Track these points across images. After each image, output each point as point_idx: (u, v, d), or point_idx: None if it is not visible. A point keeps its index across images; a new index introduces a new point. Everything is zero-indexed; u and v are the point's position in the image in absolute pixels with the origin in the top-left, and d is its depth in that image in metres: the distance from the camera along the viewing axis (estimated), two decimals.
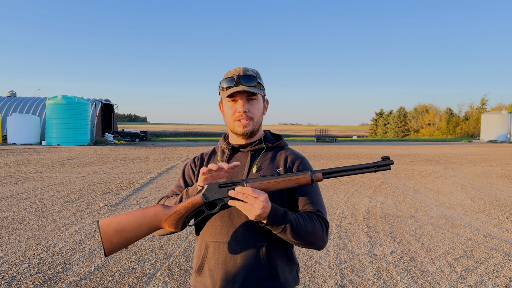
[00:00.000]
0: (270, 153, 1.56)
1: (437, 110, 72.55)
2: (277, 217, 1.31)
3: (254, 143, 1.56)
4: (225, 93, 1.48)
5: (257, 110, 1.51)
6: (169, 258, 4.32)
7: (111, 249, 1.32)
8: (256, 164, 1.51)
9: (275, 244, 1.44)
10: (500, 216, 6.54)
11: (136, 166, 14.03)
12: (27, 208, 6.83)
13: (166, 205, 1.37)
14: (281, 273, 1.45)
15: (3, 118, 32.68)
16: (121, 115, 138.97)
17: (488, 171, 13.04)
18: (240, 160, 1.54)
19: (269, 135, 1.64)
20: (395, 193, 8.63)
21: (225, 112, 1.54)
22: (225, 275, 1.41)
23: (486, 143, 40.84)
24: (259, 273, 1.41)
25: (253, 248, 1.42)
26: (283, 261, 1.47)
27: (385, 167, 1.36)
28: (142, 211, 1.34)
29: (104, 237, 1.31)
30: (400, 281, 3.75)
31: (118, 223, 1.32)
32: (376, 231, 5.49)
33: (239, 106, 1.48)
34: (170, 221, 1.32)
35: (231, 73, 1.50)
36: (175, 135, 67.73)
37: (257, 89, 1.48)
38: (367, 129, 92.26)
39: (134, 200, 7.63)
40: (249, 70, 1.50)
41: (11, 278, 3.74)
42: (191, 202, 1.33)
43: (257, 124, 1.52)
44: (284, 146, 1.61)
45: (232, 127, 1.53)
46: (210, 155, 1.65)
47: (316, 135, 49.42)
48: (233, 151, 1.57)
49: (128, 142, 36.73)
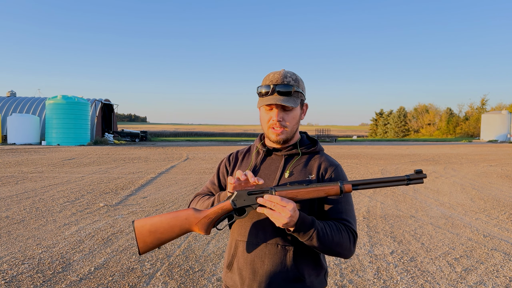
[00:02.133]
0: (304, 158, 1.55)
1: (437, 110, 72.60)
2: (304, 226, 1.31)
3: (289, 147, 1.55)
4: (261, 101, 1.47)
5: (292, 119, 1.49)
6: (169, 258, 4.32)
7: (145, 248, 1.40)
8: (288, 169, 1.51)
9: (303, 248, 1.45)
10: (500, 216, 6.54)
11: (136, 166, 14.03)
12: (27, 208, 6.83)
13: (197, 209, 1.42)
14: (307, 276, 1.46)
15: (3, 118, 32.68)
16: (121, 115, 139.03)
17: (488, 171, 13.04)
18: (273, 163, 1.55)
19: (305, 139, 1.62)
20: (395, 193, 8.63)
21: (261, 117, 1.54)
22: (253, 275, 1.45)
23: (486, 143, 40.84)
24: (285, 275, 1.43)
25: (280, 250, 1.44)
26: (310, 265, 1.48)
27: (418, 181, 1.35)
28: (174, 213, 1.41)
29: (139, 237, 1.39)
30: (400, 281, 3.75)
31: (152, 224, 1.40)
32: (376, 231, 5.49)
33: (273, 114, 1.47)
34: (201, 225, 1.39)
35: (270, 79, 1.47)
36: (175, 135, 67.69)
37: (293, 100, 1.45)
38: (367, 129, 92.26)
39: (134, 200, 7.63)
40: (287, 77, 1.46)
41: (11, 278, 3.74)
42: (220, 208, 1.39)
43: (291, 133, 1.51)
44: (319, 152, 1.59)
45: (266, 133, 1.53)
46: (245, 154, 1.66)
47: (316, 135, 49.42)
48: (267, 153, 1.57)
49: (128, 142, 36.73)
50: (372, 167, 14.08)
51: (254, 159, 1.59)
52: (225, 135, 72.27)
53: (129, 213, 6.54)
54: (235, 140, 47.29)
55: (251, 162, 1.59)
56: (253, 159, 1.60)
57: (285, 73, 1.47)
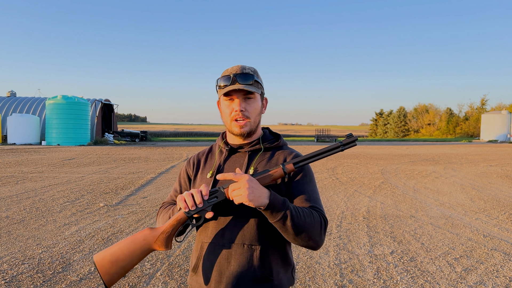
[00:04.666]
0: (268, 153, 1.53)
1: (437, 110, 72.57)
2: (277, 201, 1.29)
3: (252, 143, 1.54)
4: (222, 92, 1.46)
5: (254, 109, 1.48)
6: (169, 258, 4.32)
7: (110, 280, 1.36)
8: (253, 165, 1.49)
9: (270, 246, 1.44)
10: (500, 216, 6.54)
11: (136, 166, 14.03)
12: (27, 208, 6.83)
13: (152, 228, 1.41)
14: (275, 275, 1.44)
15: (3, 118, 32.67)
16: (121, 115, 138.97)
17: (488, 171, 13.04)
18: (237, 161, 1.53)
19: (268, 134, 1.60)
20: (395, 193, 8.63)
21: (222, 111, 1.52)
22: (219, 277, 1.42)
23: (486, 143, 40.83)
24: (253, 275, 1.40)
25: (247, 250, 1.41)
26: (278, 263, 1.46)
27: (351, 144, 1.36)
28: (131, 238, 1.40)
29: (101, 270, 1.36)
30: (400, 281, 3.75)
31: (111, 254, 1.38)
32: (376, 231, 5.49)
33: (235, 105, 1.46)
34: (159, 242, 1.39)
35: (228, 71, 1.48)
36: (175, 135, 67.69)
37: (254, 88, 1.46)
38: (367, 129, 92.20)
39: (134, 200, 7.63)
40: (246, 68, 1.47)
41: (11, 278, 3.74)
42: (175, 219, 1.38)
43: (254, 124, 1.50)
44: (283, 146, 1.57)
45: (229, 127, 1.51)
46: (207, 154, 1.63)
47: (316, 135, 49.41)
48: (231, 151, 1.55)
49: (128, 142, 36.72)
50: (372, 167, 14.07)
51: (217, 159, 1.57)
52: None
53: (129, 213, 6.54)
54: None
55: (214, 162, 1.56)
56: (216, 158, 1.57)
57: (243, 65, 1.48)
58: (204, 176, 1.55)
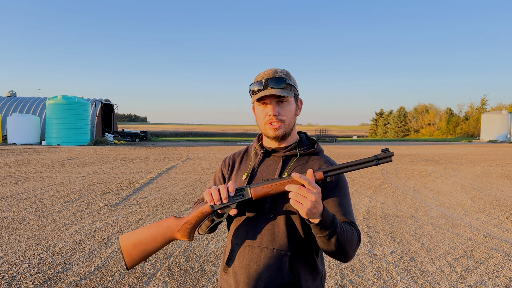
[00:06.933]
0: (303, 159, 1.52)
1: (437, 110, 72.62)
2: (327, 218, 1.26)
3: (287, 148, 1.53)
4: (255, 97, 1.47)
5: (288, 112, 1.48)
6: (169, 258, 4.32)
7: (132, 262, 1.41)
8: (287, 171, 1.49)
9: (299, 253, 1.44)
10: (500, 216, 6.54)
11: (136, 166, 14.03)
12: (27, 208, 6.83)
13: (178, 217, 1.44)
14: (303, 282, 1.43)
15: (3, 118, 32.68)
16: (121, 115, 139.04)
17: (488, 171, 13.04)
18: (271, 165, 1.52)
19: (304, 140, 1.59)
20: (395, 193, 8.63)
21: (257, 115, 1.52)
22: (248, 279, 1.42)
23: (486, 143, 40.84)
24: (281, 280, 1.40)
25: (277, 255, 1.41)
26: (307, 270, 1.45)
27: (386, 159, 1.33)
28: (156, 224, 1.43)
29: (125, 251, 1.40)
30: (400, 281, 3.76)
31: (136, 237, 1.42)
32: (376, 231, 5.49)
33: (269, 110, 1.46)
34: (182, 231, 1.41)
35: (260, 76, 1.48)
36: (175, 135, 67.69)
37: (286, 92, 1.45)
38: (367, 129, 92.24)
39: (134, 200, 7.63)
40: (278, 72, 1.47)
41: (11, 278, 3.74)
42: (200, 212, 1.40)
43: (289, 127, 1.49)
44: (319, 153, 1.55)
45: (264, 130, 1.51)
46: (243, 156, 1.63)
47: (316, 135, 49.42)
48: (265, 154, 1.55)
49: (128, 142, 36.73)
50: (372, 167, 14.06)
51: (252, 161, 1.57)
52: (225, 135, 72.27)
53: (129, 213, 6.55)
54: (235, 140, 47.29)
55: (249, 164, 1.57)
56: (251, 161, 1.58)
57: (275, 68, 1.48)
58: (239, 177, 1.55)
